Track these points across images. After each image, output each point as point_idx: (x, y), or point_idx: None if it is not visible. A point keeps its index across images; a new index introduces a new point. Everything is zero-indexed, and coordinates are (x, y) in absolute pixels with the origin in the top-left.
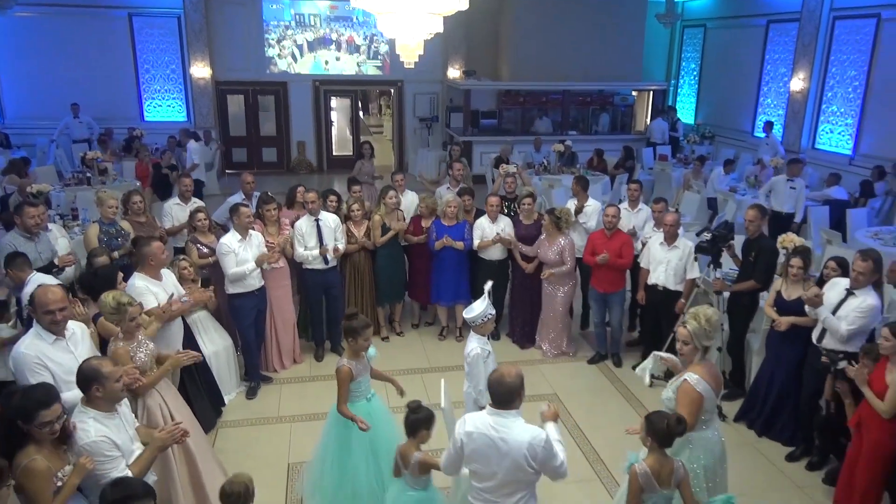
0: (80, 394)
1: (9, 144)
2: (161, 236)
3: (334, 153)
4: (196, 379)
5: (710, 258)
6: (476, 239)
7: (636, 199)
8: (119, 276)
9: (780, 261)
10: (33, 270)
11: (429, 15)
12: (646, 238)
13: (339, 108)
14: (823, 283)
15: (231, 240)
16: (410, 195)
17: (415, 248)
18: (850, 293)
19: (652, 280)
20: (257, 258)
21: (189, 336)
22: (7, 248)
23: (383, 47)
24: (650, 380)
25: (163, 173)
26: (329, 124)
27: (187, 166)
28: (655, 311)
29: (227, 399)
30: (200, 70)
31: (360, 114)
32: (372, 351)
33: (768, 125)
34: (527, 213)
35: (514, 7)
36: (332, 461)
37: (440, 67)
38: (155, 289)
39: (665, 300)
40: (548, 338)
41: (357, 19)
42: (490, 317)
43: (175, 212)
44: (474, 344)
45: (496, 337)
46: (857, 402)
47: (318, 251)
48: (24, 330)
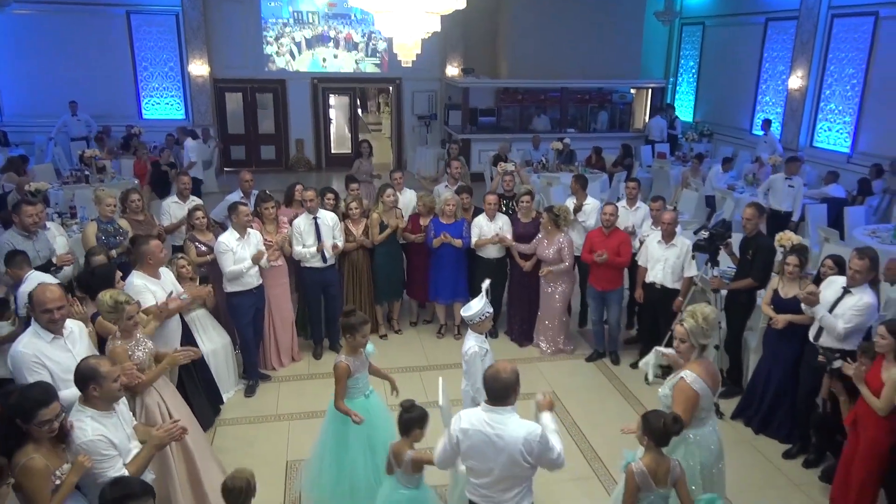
0: (78, 392)
1: (7, 142)
2: (159, 234)
3: (333, 151)
4: (194, 377)
5: (707, 256)
6: (474, 237)
7: (634, 197)
8: (117, 274)
9: (777, 259)
10: (32, 268)
11: (426, 14)
12: (644, 236)
13: (337, 105)
14: (820, 281)
15: (229, 238)
16: (409, 193)
17: (413, 246)
18: (846, 291)
19: (650, 278)
20: (253, 256)
21: (187, 334)
22: (5, 246)
23: (381, 45)
24: (653, 375)
25: (162, 171)
26: (327, 122)
27: (185, 164)
28: (653, 309)
29: (225, 397)
30: (198, 68)
31: (359, 111)
32: (370, 347)
33: (766, 123)
34: (525, 212)
35: (513, 5)
36: (330, 458)
37: (439, 65)
38: (153, 287)
39: (663, 298)
40: (546, 336)
41: (355, 17)
42: (488, 315)
43: (173, 210)
44: (472, 342)
45: (494, 335)
46: (853, 400)
47: (316, 248)
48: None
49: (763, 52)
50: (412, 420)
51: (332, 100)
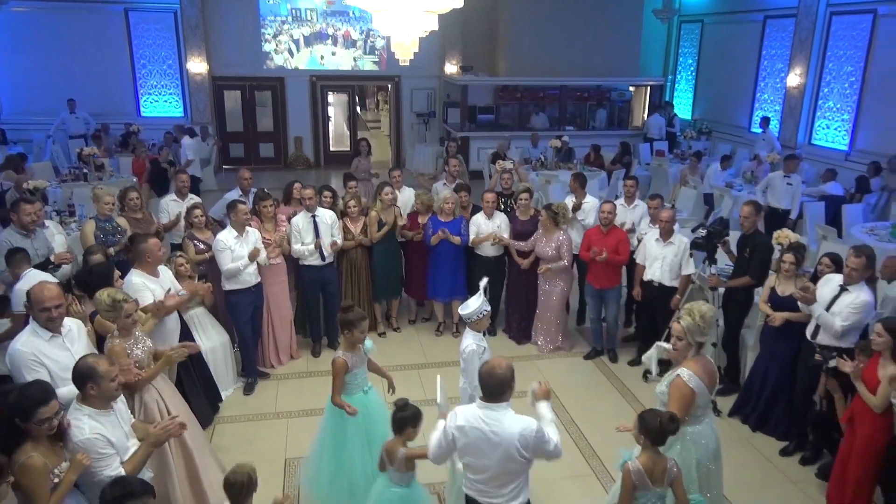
0: (76, 390)
1: (5, 140)
2: (158, 232)
3: (331, 149)
4: (192, 374)
5: (705, 254)
6: (472, 235)
7: (632, 195)
8: (116, 273)
9: (775, 257)
10: (31, 267)
11: (424, 13)
12: (642, 234)
13: (336, 103)
14: (817, 279)
15: (227, 236)
16: (408, 191)
17: (411, 244)
18: (843, 289)
19: (647, 276)
20: (250, 253)
21: (186, 332)
22: (4, 245)
23: (380, 42)
24: (656, 369)
25: (161, 169)
26: (326, 120)
27: (182, 163)
28: (651, 307)
29: (224, 395)
30: (197, 65)
31: (358, 109)
32: (368, 343)
33: (765, 121)
34: (523, 210)
35: (512, 2)
36: (329, 455)
37: (437, 63)
38: (152, 285)
39: (661, 296)
40: (544, 333)
41: (353, 14)
42: (485, 313)
43: (172, 208)
44: (470, 340)
45: (492, 333)
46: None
47: (314, 244)
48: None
49: (762, 50)
50: (405, 419)
51: (331, 97)
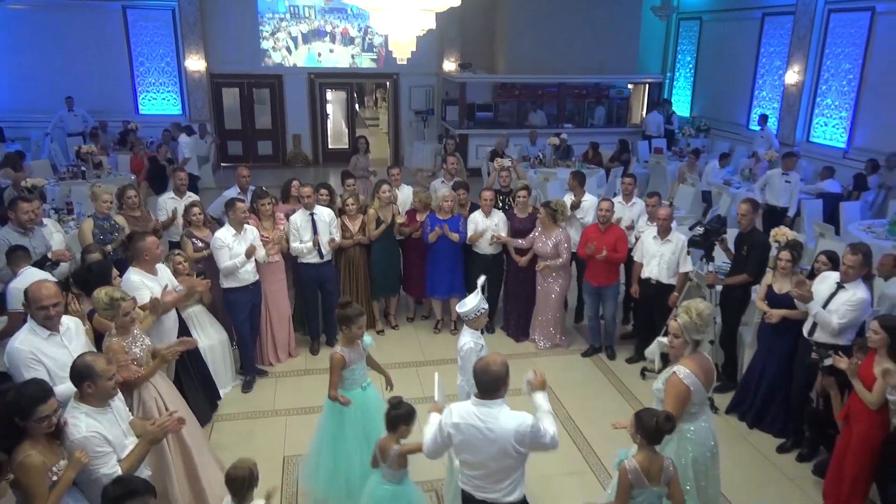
0: (73, 388)
1: (3, 138)
2: (156, 230)
3: (330, 146)
4: (191, 372)
5: (702, 252)
6: (470, 233)
7: (630, 192)
8: (114, 271)
9: (772, 255)
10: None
11: (421, 11)
12: (639, 232)
13: (334, 100)
14: (814, 276)
15: (225, 234)
16: (406, 189)
17: (409, 241)
18: (840, 287)
19: (645, 274)
20: (246, 250)
21: (184, 330)
22: (2, 243)
23: (378, 40)
24: (659, 363)
25: (159, 167)
26: (324, 117)
27: (180, 160)
28: (649, 305)
29: (222, 393)
30: (195, 63)
31: (356, 107)
32: (367, 339)
33: (763, 118)
34: (522, 207)
35: (510, 0)
36: (327, 452)
37: (436, 60)
38: (150, 283)
39: (658, 294)
40: (542, 331)
41: (351, 11)
42: (483, 311)
43: (170, 206)
44: (468, 338)
45: (490, 330)
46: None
47: (312, 241)
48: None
49: (760, 48)
50: (399, 417)
51: (329, 95)
